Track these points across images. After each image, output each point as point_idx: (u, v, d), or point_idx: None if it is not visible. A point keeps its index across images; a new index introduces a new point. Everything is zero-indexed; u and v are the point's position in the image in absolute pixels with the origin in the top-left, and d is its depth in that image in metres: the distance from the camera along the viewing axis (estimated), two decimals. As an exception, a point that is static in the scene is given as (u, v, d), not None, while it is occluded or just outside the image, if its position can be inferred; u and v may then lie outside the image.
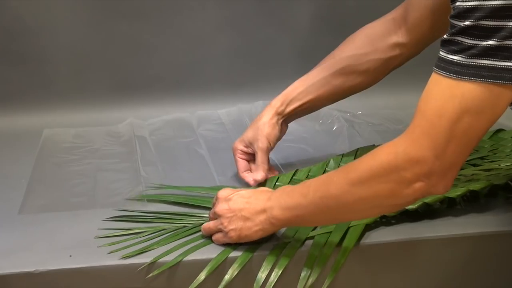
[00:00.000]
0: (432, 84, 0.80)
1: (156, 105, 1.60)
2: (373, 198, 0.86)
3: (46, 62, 1.57)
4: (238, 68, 1.65)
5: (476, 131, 0.79)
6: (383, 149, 0.85)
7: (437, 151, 0.79)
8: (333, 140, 1.43)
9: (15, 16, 1.53)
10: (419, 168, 0.81)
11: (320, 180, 0.92)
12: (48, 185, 1.23)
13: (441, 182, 0.82)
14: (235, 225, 0.96)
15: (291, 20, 1.65)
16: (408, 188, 0.82)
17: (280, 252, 0.97)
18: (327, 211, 0.90)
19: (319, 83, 1.17)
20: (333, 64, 1.17)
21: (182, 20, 1.60)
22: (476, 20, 0.75)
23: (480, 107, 0.77)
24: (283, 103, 1.18)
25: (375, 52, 1.14)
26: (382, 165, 0.83)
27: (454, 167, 0.82)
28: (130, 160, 1.34)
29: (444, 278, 1.03)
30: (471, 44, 0.76)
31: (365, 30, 1.17)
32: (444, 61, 0.78)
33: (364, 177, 0.85)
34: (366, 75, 1.16)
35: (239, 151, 1.20)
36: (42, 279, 0.92)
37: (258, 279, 0.95)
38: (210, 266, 0.95)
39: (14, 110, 1.55)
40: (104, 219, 1.06)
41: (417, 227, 1.02)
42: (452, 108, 0.78)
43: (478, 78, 0.76)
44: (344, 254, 0.97)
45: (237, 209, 0.96)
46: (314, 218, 0.94)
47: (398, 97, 1.58)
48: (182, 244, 0.98)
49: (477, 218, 1.06)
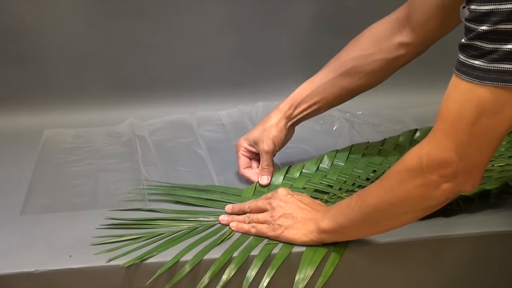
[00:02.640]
0: (452, 87, 0.82)
1: (156, 105, 1.60)
2: (405, 203, 0.89)
3: (46, 62, 1.57)
4: (238, 68, 1.65)
5: (496, 131, 0.81)
6: (409, 154, 0.87)
7: (459, 152, 0.82)
8: (333, 141, 1.43)
9: (15, 16, 1.53)
10: (444, 170, 0.83)
11: (363, 191, 0.95)
12: (49, 186, 1.23)
13: (468, 181, 0.84)
14: (285, 221, 0.99)
15: (291, 20, 1.65)
16: (437, 190, 0.85)
17: (272, 253, 0.97)
18: (365, 219, 0.94)
19: (326, 85, 1.17)
20: (339, 66, 1.17)
21: (182, 20, 1.60)
22: (493, 25, 0.75)
23: (498, 108, 0.78)
24: (291, 106, 1.19)
25: (380, 52, 1.14)
26: (408, 170, 0.86)
27: (480, 166, 0.84)
28: (130, 160, 1.34)
29: (445, 278, 1.03)
30: (491, 49, 0.76)
31: (370, 31, 1.17)
32: (465, 66, 0.79)
33: (394, 183, 0.88)
34: (372, 75, 1.16)
35: (243, 148, 1.20)
36: (42, 279, 0.92)
37: (247, 277, 0.95)
38: (213, 268, 0.95)
39: (14, 110, 1.55)
40: (100, 225, 1.05)
41: (417, 227, 1.02)
42: (470, 111, 0.79)
43: (501, 83, 0.76)
44: (337, 257, 0.97)
45: (293, 207, 1.01)
46: (355, 227, 0.96)
47: (398, 97, 1.58)
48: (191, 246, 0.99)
49: (476, 218, 1.06)
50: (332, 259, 0.97)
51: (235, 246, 0.99)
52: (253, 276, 0.95)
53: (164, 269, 0.94)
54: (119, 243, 0.99)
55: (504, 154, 1.24)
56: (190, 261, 0.95)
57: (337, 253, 0.97)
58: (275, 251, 0.98)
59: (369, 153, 1.25)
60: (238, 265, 0.95)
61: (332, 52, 1.20)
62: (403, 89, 1.38)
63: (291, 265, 0.97)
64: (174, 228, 1.04)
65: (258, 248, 0.98)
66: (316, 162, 1.22)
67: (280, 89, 1.65)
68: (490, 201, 1.09)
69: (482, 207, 1.08)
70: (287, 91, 1.64)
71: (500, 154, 1.24)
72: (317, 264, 0.96)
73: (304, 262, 0.96)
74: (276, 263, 0.96)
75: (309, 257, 0.97)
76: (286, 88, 1.29)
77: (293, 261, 0.97)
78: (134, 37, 1.59)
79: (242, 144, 1.21)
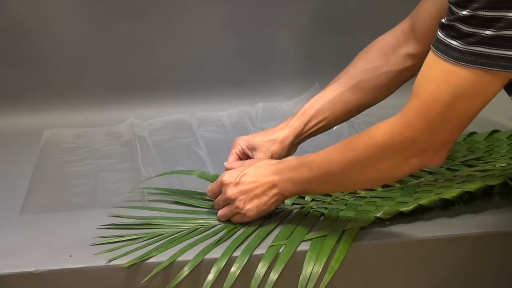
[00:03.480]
0: (428, 66, 0.85)
1: (156, 105, 1.60)
2: (373, 173, 0.93)
3: (46, 62, 1.57)
4: (238, 68, 1.65)
5: (469, 114, 0.85)
6: (379, 129, 0.90)
7: (431, 132, 0.85)
8: (333, 141, 1.42)
9: (15, 16, 1.53)
10: (415, 147, 0.87)
11: (322, 156, 0.98)
12: (49, 186, 1.23)
13: (436, 156, 0.88)
14: (251, 204, 1.02)
15: (291, 20, 1.65)
16: (405, 164, 0.90)
17: (277, 253, 0.97)
18: (332, 183, 0.99)
19: (335, 99, 1.15)
20: (347, 80, 1.15)
21: (182, 20, 1.60)
22: (473, 11, 0.78)
23: (474, 93, 0.82)
24: (302, 123, 1.16)
25: (387, 65, 1.13)
26: (379, 145, 0.90)
27: (448, 143, 0.88)
28: (130, 160, 1.34)
29: (443, 278, 1.03)
30: (469, 32, 0.79)
31: (375, 44, 1.16)
32: (443, 44, 0.82)
33: (362, 155, 0.92)
34: (380, 89, 1.15)
35: (239, 147, 1.17)
36: (42, 279, 0.92)
37: (256, 278, 0.95)
38: (216, 267, 0.95)
39: (14, 110, 1.55)
40: (100, 225, 1.04)
41: (416, 227, 1.02)
42: (446, 93, 0.82)
43: (475, 65, 0.79)
44: (339, 259, 0.97)
45: (248, 189, 1.02)
46: (322, 189, 1.04)
47: (398, 97, 1.58)
48: (189, 245, 0.99)
49: (476, 218, 1.06)
50: (335, 259, 0.97)
51: (233, 245, 0.98)
52: (260, 277, 0.95)
53: (159, 268, 0.93)
54: (119, 243, 0.99)
55: (505, 155, 1.25)
56: (191, 262, 0.95)
57: (341, 251, 0.98)
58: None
59: None
60: (240, 266, 0.95)
61: (331, 52, 1.20)
62: (403, 89, 1.37)
63: (296, 262, 0.97)
64: (174, 229, 1.04)
65: (258, 249, 0.98)
66: None
67: (280, 89, 1.65)
68: (493, 199, 1.10)
69: (481, 207, 1.08)
70: (287, 91, 1.64)
71: (502, 155, 1.25)
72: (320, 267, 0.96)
73: (305, 265, 0.96)
74: (282, 262, 0.96)
75: (314, 255, 0.97)
76: (286, 87, 1.30)
77: (297, 258, 0.97)
78: (134, 37, 1.60)
79: (240, 143, 1.17)
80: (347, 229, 1.00)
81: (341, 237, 0.99)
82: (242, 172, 1.03)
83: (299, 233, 1.01)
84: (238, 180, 1.03)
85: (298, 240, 0.99)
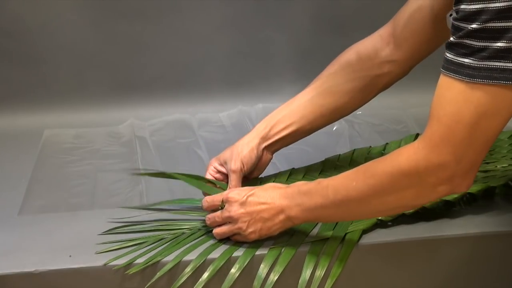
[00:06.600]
0: (443, 88, 0.81)
1: (156, 105, 1.60)
2: (397, 202, 0.89)
3: (46, 62, 1.57)
4: (238, 68, 1.66)
5: (493, 132, 0.81)
6: (402, 155, 0.86)
7: (457, 155, 0.82)
8: (333, 141, 1.43)
9: (15, 16, 1.53)
10: (442, 173, 0.83)
11: (338, 182, 0.92)
12: (48, 186, 1.23)
13: (464, 182, 0.85)
14: (255, 227, 0.96)
15: (291, 20, 1.65)
16: (433, 192, 0.86)
17: (279, 254, 0.97)
18: (349, 211, 0.93)
19: (305, 104, 1.12)
20: (319, 84, 1.13)
21: (182, 20, 1.60)
22: (483, 23, 0.76)
23: (495, 109, 0.79)
24: (267, 125, 1.12)
25: (362, 70, 1.10)
26: (403, 173, 0.85)
27: (474, 167, 0.84)
28: (130, 160, 1.34)
29: (444, 278, 1.03)
30: (481, 47, 0.76)
31: (352, 49, 1.13)
32: (454, 64, 0.79)
33: (385, 183, 0.87)
34: (354, 94, 1.12)
35: (212, 167, 1.14)
36: (42, 279, 0.92)
37: (258, 277, 0.95)
38: (213, 266, 0.95)
39: (14, 110, 1.55)
40: (102, 232, 1.03)
41: (417, 228, 1.02)
42: (468, 113, 0.79)
43: (491, 80, 0.77)
44: (342, 262, 0.97)
45: (254, 211, 0.96)
46: (336, 217, 0.98)
47: (398, 98, 1.58)
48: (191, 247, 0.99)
49: (477, 218, 1.06)
50: (334, 271, 0.97)
51: (233, 248, 0.98)
52: (262, 278, 0.95)
53: (163, 271, 0.93)
54: (123, 250, 0.98)
55: (506, 156, 1.24)
56: (192, 263, 0.95)
57: (344, 253, 0.98)
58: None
59: (370, 158, 1.24)
60: (242, 266, 0.95)
61: (331, 52, 1.19)
62: (403, 89, 1.37)
63: (297, 264, 0.97)
64: (175, 230, 1.04)
65: (258, 249, 0.98)
66: (319, 167, 1.21)
67: (280, 89, 1.65)
68: (495, 200, 1.09)
69: (481, 208, 1.08)
70: (286, 91, 1.64)
71: (503, 155, 1.25)
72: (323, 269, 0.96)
73: (306, 267, 0.96)
74: (280, 267, 0.96)
75: (313, 258, 0.97)
76: (286, 87, 1.30)
77: (298, 260, 0.97)
78: (134, 37, 1.60)
79: (212, 164, 1.14)
80: (349, 232, 1.00)
81: (343, 239, 0.99)
82: (250, 192, 0.97)
83: (300, 235, 1.00)
84: (245, 200, 0.96)
85: (299, 242, 0.99)
